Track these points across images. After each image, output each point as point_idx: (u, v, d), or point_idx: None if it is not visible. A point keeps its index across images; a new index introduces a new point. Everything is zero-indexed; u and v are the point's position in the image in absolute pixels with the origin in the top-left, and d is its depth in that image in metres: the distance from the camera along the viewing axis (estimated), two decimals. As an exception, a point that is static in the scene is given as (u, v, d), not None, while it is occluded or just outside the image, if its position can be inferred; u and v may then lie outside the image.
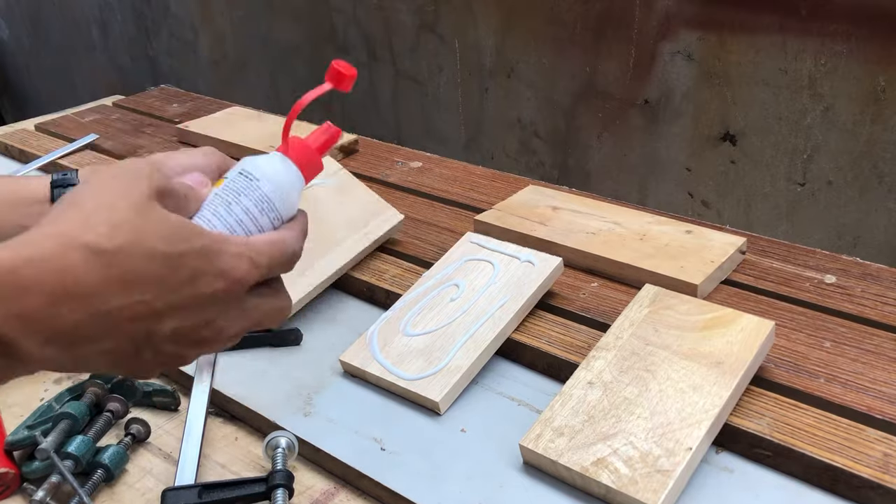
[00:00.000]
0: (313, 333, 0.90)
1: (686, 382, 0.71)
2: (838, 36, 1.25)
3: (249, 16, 2.27)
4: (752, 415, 0.71)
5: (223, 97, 1.78)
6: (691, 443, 0.65)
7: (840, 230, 1.37)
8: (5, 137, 1.50)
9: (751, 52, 1.35)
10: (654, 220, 1.00)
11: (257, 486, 0.68)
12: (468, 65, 1.79)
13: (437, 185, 1.21)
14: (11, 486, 0.72)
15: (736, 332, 0.75)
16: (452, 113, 1.87)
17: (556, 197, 1.09)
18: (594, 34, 1.54)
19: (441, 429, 0.75)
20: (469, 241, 0.96)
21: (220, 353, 0.87)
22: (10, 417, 0.81)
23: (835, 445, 0.67)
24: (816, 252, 0.96)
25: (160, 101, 1.67)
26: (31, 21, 3.29)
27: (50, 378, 0.87)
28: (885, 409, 0.70)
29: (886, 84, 1.23)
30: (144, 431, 0.77)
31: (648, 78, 1.50)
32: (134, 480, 0.73)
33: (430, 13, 1.81)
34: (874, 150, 1.28)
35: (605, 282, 0.93)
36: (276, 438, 0.72)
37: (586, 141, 1.64)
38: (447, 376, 0.78)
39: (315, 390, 0.81)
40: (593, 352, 0.76)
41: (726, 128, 1.44)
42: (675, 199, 1.55)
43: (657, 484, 0.63)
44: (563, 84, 1.63)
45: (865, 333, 0.80)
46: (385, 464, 0.71)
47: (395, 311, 0.87)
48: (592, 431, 0.68)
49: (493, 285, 0.87)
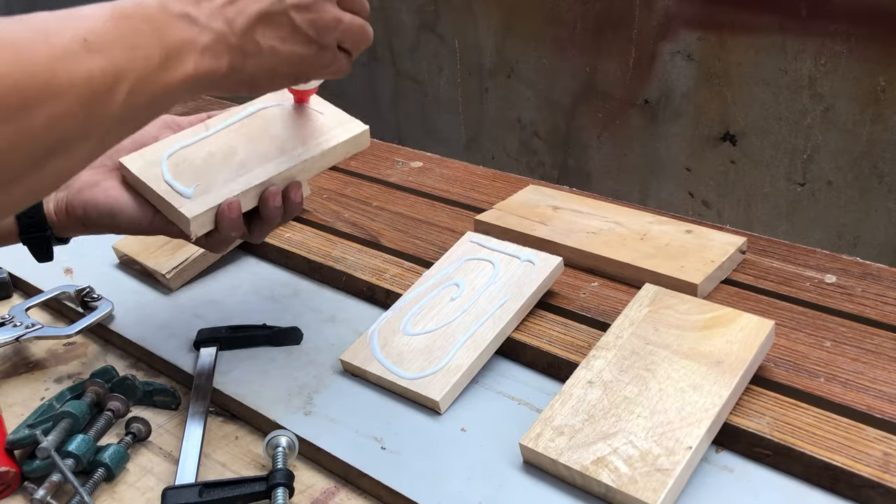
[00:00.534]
0: (313, 333, 0.90)
1: (686, 381, 0.71)
2: (838, 36, 1.25)
3: (250, 16, 2.27)
4: (752, 414, 0.71)
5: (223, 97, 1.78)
6: (691, 442, 0.65)
7: (840, 230, 1.37)
8: (6, 137, 1.50)
9: (751, 52, 1.35)
10: (654, 220, 1.00)
11: (258, 485, 0.68)
12: (468, 65, 1.79)
13: (437, 185, 1.21)
14: (12, 484, 0.72)
15: (736, 332, 0.75)
16: (452, 113, 1.88)
17: (556, 197, 1.09)
18: (594, 34, 1.54)
19: (441, 428, 0.75)
20: (469, 240, 0.96)
21: (220, 351, 0.87)
22: (11, 416, 0.81)
23: (835, 445, 0.67)
24: (816, 252, 0.96)
25: (160, 100, 1.67)
26: (31, 21, 3.28)
27: (50, 377, 0.88)
28: (885, 409, 0.70)
29: (886, 84, 1.24)
30: (145, 430, 0.77)
31: (648, 78, 1.50)
32: (134, 479, 0.73)
33: (430, 13, 1.81)
34: (874, 150, 1.28)
35: (606, 281, 0.93)
36: (276, 437, 0.72)
37: (586, 141, 1.65)
38: (447, 376, 0.78)
39: (315, 389, 0.81)
40: (593, 351, 0.77)
41: (726, 128, 1.44)
42: (676, 198, 1.56)
43: (657, 483, 0.63)
44: (563, 84, 1.63)
45: (865, 333, 0.81)
46: (385, 463, 0.71)
47: (395, 310, 0.87)
48: (592, 430, 0.68)
49: (494, 285, 0.87)
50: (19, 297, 1.03)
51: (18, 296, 1.04)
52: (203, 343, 0.87)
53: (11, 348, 0.92)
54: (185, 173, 0.77)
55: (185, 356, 0.87)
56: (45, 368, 0.89)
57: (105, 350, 0.93)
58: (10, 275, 1.04)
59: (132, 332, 0.92)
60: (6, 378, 0.88)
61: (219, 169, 0.78)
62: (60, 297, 0.98)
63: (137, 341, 0.90)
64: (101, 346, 0.93)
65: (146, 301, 0.98)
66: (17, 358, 0.91)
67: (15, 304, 0.98)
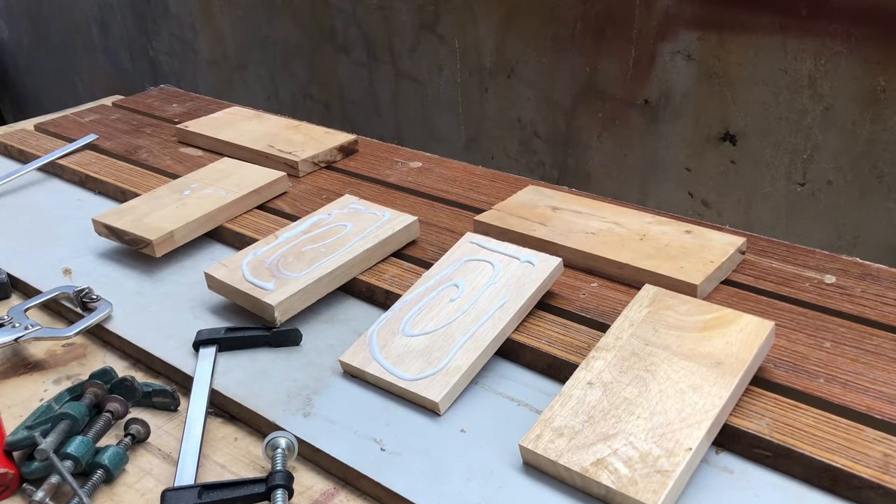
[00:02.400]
0: (313, 333, 0.90)
1: (686, 383, 0.71)
2: (838, 36, 1.25)
3: (249, 16, 2.27)
4: (752, 415, 0.71)
5: (223, 97, 1.78)
6: (691, 443, 0.65)
7: (840, 230, 1.37)
8: (5, 137, 1.50)
9: (751, 52, 1.35)
10: (653, 221, 1.00)
11: (257, 487, 0.68)
12: (468, 65, 1.79)
13: (437, 185, 1.21)
14: (11, 486, 0.71)
15: (736, 333, 0.75)
16: (452, 113, 1.87)
17: (555, 197, 1.09)
18: (594, 34, 1.54)
19: (441, 429, 0.75)
20: (469, 241, 0.96)
21: (219, 352, 0.87)
22: (10, 418, 0.81)
23: (835, 446, 0.67)
24: (816, 252, 0.96)
25: (160, 101, 1.67)
26: (31, 21, 3.29)
27: (49, 378, 0.88)
28: (884, 409, 0.70)
29: (886, 84, 1.23)
30: (144, 432, 0.77)
31: (648, 78, 1.50)
32: (133, 481, 0.73)
33: (430, 13, 1.81)
34: (874, 150, 1.28)
35: (605, 282, 0.93)
36: (275, 439, 0.72)
37: (586, 141, 1.64)
38: (447, 376, 0.78)
39: (315, 391, 0.81)
40: (593, 352, 0.76)
41: (726, 128, 1.44)
42: (675, 199, 1.55)
43: (657, 484, 0.63)
44: (562, 84, 1.63)
45: (865, 333, 0.80)
46: (385, 464, 0.71)
47: (394, 311, 0.87)
48: (592, 432, 0.68)
49: (493, 285, 0.87)
50: (18, 298, 1.03)
51: (17, 296, 1.04)
52: (202, 344, 0.87)
53: (10, 349, 0.92)
54: (263, 273, 0.94)
55: (184, 357, 0.87)
56: (44, 370, 0.89)
57: (104, 351, 0.93)
58: (8, 275, 1.04)
59: (131, 333, 0.92)
60: (5, 379, 0.88)
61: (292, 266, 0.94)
62: (59, 297, 0.98)
63: (136, 342, 0.90)
64: (99, 347, 0.93)
65: (145, 302, 0.98)
66: (15, 359, 0.91)
67: (14, 304, 0.98)
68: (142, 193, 1.18)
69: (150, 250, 1.04)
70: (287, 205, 1.17)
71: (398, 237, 1.01)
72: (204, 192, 1.16)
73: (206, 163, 1.30)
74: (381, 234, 1.00)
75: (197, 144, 1.41)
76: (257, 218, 1.14)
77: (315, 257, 0.96)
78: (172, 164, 1.34)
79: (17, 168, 1.37)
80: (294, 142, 1.33)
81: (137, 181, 1.27)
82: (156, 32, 2.64)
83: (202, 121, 1.46)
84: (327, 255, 0.96)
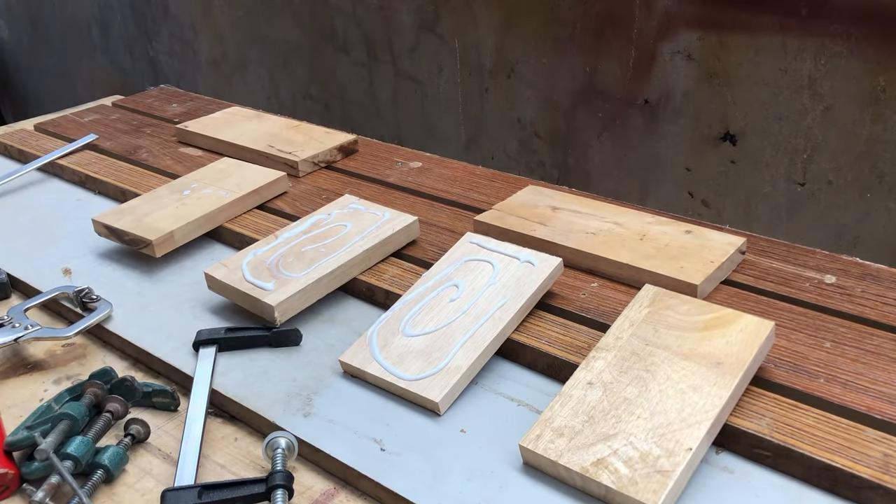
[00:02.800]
0: (313, 334, 0.90)
1: (686, 383, 0.71)
2: (838, 36, 1.25)
3: (249, 16, 2.27)
4: (752, 415, 0.71)
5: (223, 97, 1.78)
6: (691, 443, 0.65)
7: (840, 230, 1.37)
8: (5, 137, 1.50)
9: (751, 52, 1.35)
10: (653, 221, 1.00)
11: (257, 487, 0.68)
12: (468, 65, 1.79)
13: (437, 185, 1.21)
14: (11, 486, 0.71)
15: (736, 333, 0.75)
16: (452, 113, 1.87)
17: (555, 197, 1.09)
18: (594, 34, 1.54)
19: (441, 429, 0.75)
20: (469, 241, 0.96)
21: (219, 352, 0.87)
22: (10, 418, 0.81)
23: (835, 446, 0.66)
24: (816, 252, 0.96)
25: (160, 101, 1.67)
26: (31, 21, 3.29)
27: (49, 378, 0.87)
28: (884, 409, 0.70)
29: (886, 84, 1.23)
30: (144, 432, 0.77)
31: (648, 78, 1.50)
32: (133, 481, 0.73)
33: (430, 13, 1.81)
34: (874, 150, 1.28)
35: (605, 282, 0.93)
36: (275, 439, 0.72)
37: (586, 141, 1.64)
38: (447, 377, 0.78)
39: (315, 391, 0.81)
40: (593, 352, 0.76)
41: (726, 128, 1.44)
42: (675, 199, 1.55)
43: (657, 484, 0.63)
44: (562, 84, 1.63)
45: (865, 333, 0.80)
46: (385, 464, 0.71)
47: (394, 311, 0.87)
48: (592, 432, 0.68)
49: (493, 286, 0.87)
50: (18, 298, 1.03)
51: (17, 297, 1.03)
52: (202, 344, 0.87)
53: (10, 349, 0.92)
54: (263, 273, 0.93)
55: (184, 357, 0.87)
56: (44, 370, 0.89)
57: (104, 351, 0.93)
58: (8, 276, 1.04)
59: (131, 333, 0.92)
60: (5, 379, 0.88)
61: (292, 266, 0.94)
62: (59, 297, 0.98)
63: (136, 342, 0.90)
64: (99, 347, 0.93)
65: (145, 302, 0.98)
66: (15, 359, 0.91)
67: (13, 304, 0.98)
68: (142, 193, 1.18)
69: (150, 250, 1.04)
70: (287, 205, 1.17)
71: (398, 237, 1.01)
72: (204, 192, 1.16)
73: (206, 163, 1.30)
74: (381, 234, 1.00)
75: (197, 144, 1.41)
76: (257, 218, 1.14)
77: (315, 257, 0.96)
78: (172, 164, 1.34)
79: (17, 168, 1.37)
80: (294, 142, 1.33)
81: (137, 181, 1.27)
82: (156, 32, 2.64)
83: (202, 121, 1.46)
84: (327, 256, 0.96)
